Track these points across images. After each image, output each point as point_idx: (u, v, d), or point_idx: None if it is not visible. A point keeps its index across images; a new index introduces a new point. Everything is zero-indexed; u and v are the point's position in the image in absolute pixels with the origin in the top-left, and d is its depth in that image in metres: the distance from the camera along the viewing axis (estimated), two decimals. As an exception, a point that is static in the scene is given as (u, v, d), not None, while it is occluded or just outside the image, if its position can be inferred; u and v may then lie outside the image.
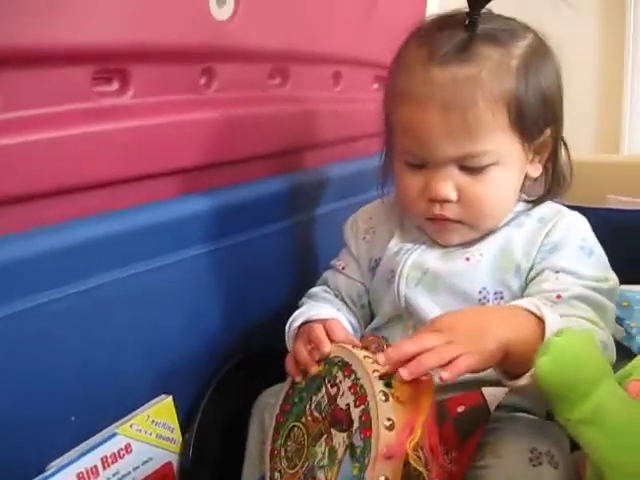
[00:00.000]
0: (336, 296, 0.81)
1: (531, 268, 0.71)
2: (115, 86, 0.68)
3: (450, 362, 0.55)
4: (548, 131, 0.72)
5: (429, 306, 0.72)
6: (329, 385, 0.62)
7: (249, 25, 0.78)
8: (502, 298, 0.71)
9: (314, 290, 0.82)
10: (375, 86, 1.08)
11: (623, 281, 0.75)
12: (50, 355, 0.63)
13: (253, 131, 0.84)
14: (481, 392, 0.62)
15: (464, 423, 0.61)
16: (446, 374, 0.55)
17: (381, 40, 0.77)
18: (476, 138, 0.67)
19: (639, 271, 0.80)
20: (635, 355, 0.64)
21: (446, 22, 0.70)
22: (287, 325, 0.74)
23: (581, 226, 0.73)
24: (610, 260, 0.73)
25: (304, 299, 0.81)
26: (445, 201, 0.70)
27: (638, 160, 1.10)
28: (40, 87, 0.60)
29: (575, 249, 0.70)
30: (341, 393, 0.60)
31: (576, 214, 0.74)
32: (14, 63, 0.57)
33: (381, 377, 0.57)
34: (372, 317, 0.81)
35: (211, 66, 0.76)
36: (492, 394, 0.62)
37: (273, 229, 0.87)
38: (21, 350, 0.60)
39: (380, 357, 0.57)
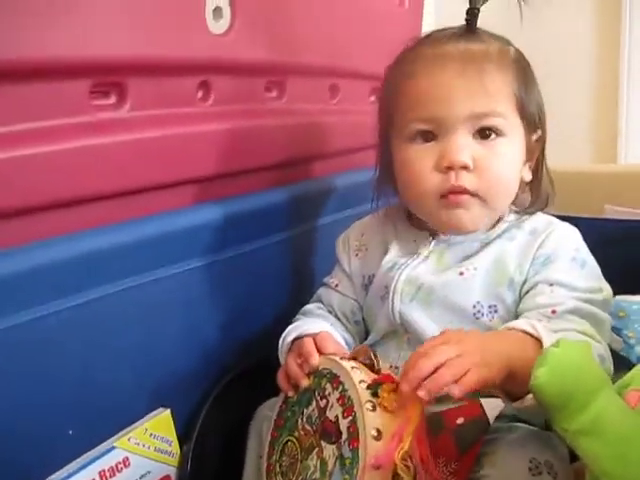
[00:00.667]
0: (330, 312, 0.81)
1: (525, 281, 0.71)
2: (112, 99, 0.68)
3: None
4: (539, 132, 0.75)
5: (424, 321, 0.72)
6: (319, 398, 0.62)
7: (245, 38, 0.79)
8: (496, 312, 0.71)
9: (308, 307, 0.82)
10: (372, 99, 1.08)
11: (620, 291, 0.75)
12: (48, 369, 0.63)
13: (250, 144, 0.84)
14: (480, 404, 0.62)
15: (463, 435, 0.61)
16: (457, 391, 0.55)
17: (378, 53, 0.78)
18: (491, 96, 0.70)
19: (636, 281, 0.79)
20: (634, 365, 0.64)
21: (442, 29, 0.75)
22: (280, 340, 0.74)
23: (573, 237, 0.73)
24: (606, 270, 0.73)
25: (298, 316, 0.81)
26: (463, 168, 0.69)
27: (636, 170, 1.10)
28: (37, 101, 0.60)
29: (568, 261, 0.71)
30: (330, 405, 0.60)
31: (567, 225, 0.74)
32: (11, 77, 0.58)
33: (368, 387, 0.57)
34: (367, 333, 0.81)
35: (208, 79, 0.77)
36: (491, 405, 0.62)
37: (271, 241, 0.88)
38: (19, 363, 0.60)
39: (404, 386, 0.56)
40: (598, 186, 1.03)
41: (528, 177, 0.75)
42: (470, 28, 0.73)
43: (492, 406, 0.62)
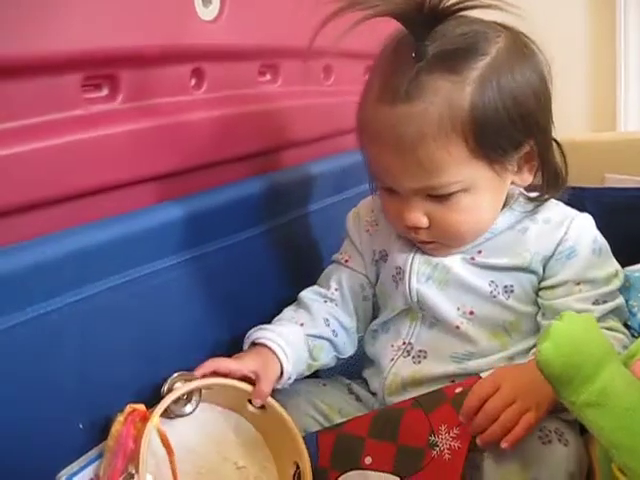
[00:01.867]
0: (336, 290, 0.80)
1: (548, 274, 0.72)
2: (105, 92, 0.68)
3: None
4: (529, 144, 0.69)
5: (440, 300, 0.73)
6: None
7: (236, 23, 0.78)
8: (512, 291, 0.72)
9: (302, 294, 0.81)
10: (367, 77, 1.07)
11: (624, 260, 0.75)
12: (53, 364, 0.63)
13: (246, 129, 0.84)
14: (479, 376, 0.63)
15: (462, 400, 0.61)
16: (506, 444, 0.59)
17: (370, 30, 0.77)
18: (433, 174, 0.66)
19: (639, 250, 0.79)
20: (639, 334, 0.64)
21: (400, 48, 0.67)
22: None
23: (590, 228, 0.73)
24: (610, 240, 0.74)
25: (292, 306, 0.81)
26: (418, 228, 0.70)
27: (636, 137, 1.10)
28: (28, 97, 0.60)
29: (590, 254, 0.72)
30: None
31: (582, 215, 0.74)
32: (1, 74, 0.57)
33: None
34: (375, 309, 0.81)
35: (200, 66, 0.76)
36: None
37: (268, 227, 0.87)
38: (24, 361, 0.61)
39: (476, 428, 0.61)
40: (598, 155, 1.02)
41: (525, 183, 0.73)
42: (419, 67, 0.64)
43: None
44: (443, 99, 0.64)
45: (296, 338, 0.74)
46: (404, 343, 0.75)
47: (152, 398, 0.68)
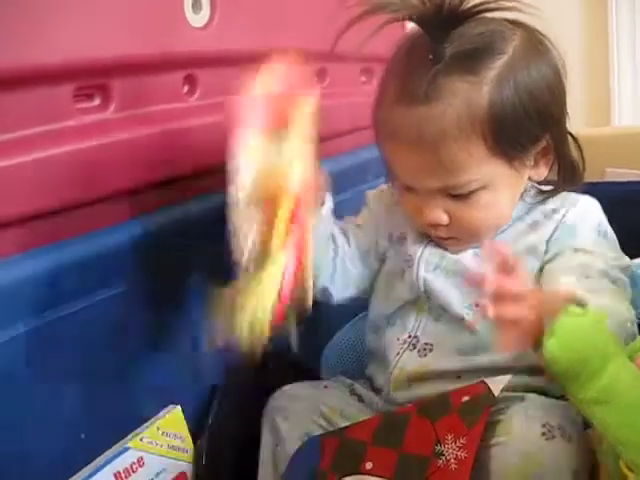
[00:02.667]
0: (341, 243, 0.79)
1: (548, 251, 0.71)
2: (97, 102, 0.67)
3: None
4: (545, 139, 0.70)
5: (447, 288, 0.73)
6: None
7: (227, 29, 0.78)
8: None
9: None
10: (363, 79, 1.07)
11: (627, 255, 0.75)
12: (54, 374, 0.63)
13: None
14: (484, 382, 0.62)
15: (469, 411, 0.61)
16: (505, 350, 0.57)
17: (364, 32, 0.77)
18: (453, 172, 0.67)
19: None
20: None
21: (416, 50, 0.68)
22: None
23: (595, 210, 0.74)
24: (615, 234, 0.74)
25: None
26: (437, 225, 0.70)
27: (635, 131, 1.09)
28: (20, 109, 0.60)
29: (592, 232, 0.71)
30: None
31: (588, 198, 0.74)
32: (-8, 88, 0.57)
33: None
34: (367, 294, 0.81)
35: (192, 73, 0.76)
36: (495, 382, 0.62)
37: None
38: (24, 372, 0.60)
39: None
40: (597, 150, 1.01)
41: (540, 177, 0.73)
42: (436, 70, 0.66)
43: (496, 381, 0.62)
44: (462, 100, 0.65)
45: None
46: (410, 336, 0.75)
47: (160, 403, 0.67)
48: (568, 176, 0.74)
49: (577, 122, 0.78)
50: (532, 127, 0.68)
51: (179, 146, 0.75)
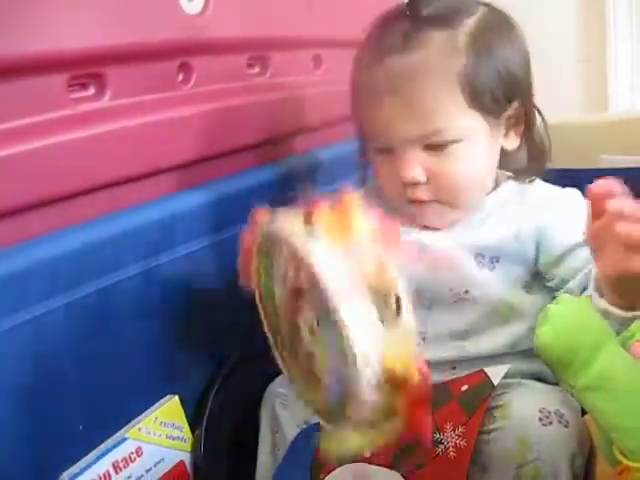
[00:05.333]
0: None
1: (541, 251, 0.71)
2: (92, 91, 0.67)
3: None
4: (515, 104, 0.72)
5: (431, 279, 0.72)
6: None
7: (221, 16, 0.78)
8: (498, 261, 0.71)
9: None
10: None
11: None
12: (51, 366, 0.63)
13: (237, 122, 0.83)
14: (483, 371, 0.63)
15: (469, 400, 0.61)
16: None
17: (358, 18, 0.76)
18: (432, 118, 0.68)
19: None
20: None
21: (393, 14, 0.72)
22: None
23: (580, 200, 0.72)
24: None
25: None
26: (415, 184, 0.70)
27: (630, 117, 1.09)
28: (15, 99, 0.60)
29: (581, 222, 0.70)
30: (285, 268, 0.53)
31: (570, 190, 0.74)
32: (-14, 77, 0.57)
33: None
34: None
35: (187, 61, 0.76)
36: (494, 372, 0.62)
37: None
38: (22, 364, 0.60)
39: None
40: (592, 136, 1.01)
41: (511, 146, 0.74)
42: (414, 23, 0.69)
43: (495, 371, 0.62)
44: (440, 48, 0.68)
45: None
46: None
47: (157, 393, 0.67)
48: (536, 154, 0.75)
49: (574, 110, 0.79)
50: (504, 85, 0.70)
51: (174, 135, 0.75)
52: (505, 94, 0.71)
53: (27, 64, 0.60)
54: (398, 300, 0.49)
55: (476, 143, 0.70)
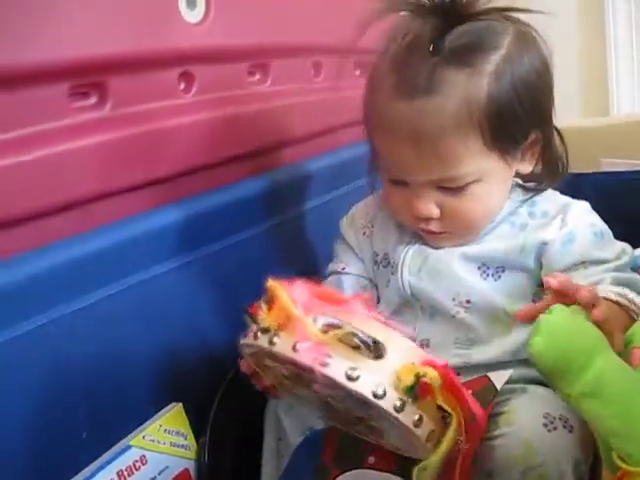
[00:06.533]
0: None
1: (545, 265, 0.70)
2: (93, 100, 0.67)
3: None
4: (537, 130, 0.71)
5: (433, 290, 0.72)
6: None
7: (222, 25, 0.78)
8: (503, 271, 0.72)
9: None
10: (357, 72, 1.07)
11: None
12: (55, 374, 0.63)
13: (238, 130, 0.84)
14: (487, 376, 0.63)
15: None
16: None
17: (357, 24, 0.77)
18: (450, 165, 0.67)
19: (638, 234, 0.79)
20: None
21: (415, 42, 0.67)
22: None
23: (587, 213, 0.73)
24: (610, 225, 0.73)
25: None
26: (428, 219, 0.70)
27: (630, 121, 1.10)
28: (16, 108, 0.60)
29: (591, 236, 0.71)
30: None
31: (578, 202, 0.74)
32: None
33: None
34: None
35: (188, 70, 0.76)
36: (498, 376, 0.62)
37: (264, 228, 0.87)
38: (25, 373, 0.60)
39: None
40: (593, 140, 1.02)
41: (527, 170, 0.73)
42: (436, 62, 0.66)
43: (499, 375, 0.62)
44: (461, 92, 0.65)
45: None
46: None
47: (161, 401, 0.68)
48: (552, 170, 0.74)
49: (574, 114, 0.79)
50: (526, 120, 0.69)
51: (176, 144, 0.75)
52: (527, 127, 0.70)
53: (28, 73, 0.60)
54: (375, 342, 0.53)
55: (493, 180, 0.69)
